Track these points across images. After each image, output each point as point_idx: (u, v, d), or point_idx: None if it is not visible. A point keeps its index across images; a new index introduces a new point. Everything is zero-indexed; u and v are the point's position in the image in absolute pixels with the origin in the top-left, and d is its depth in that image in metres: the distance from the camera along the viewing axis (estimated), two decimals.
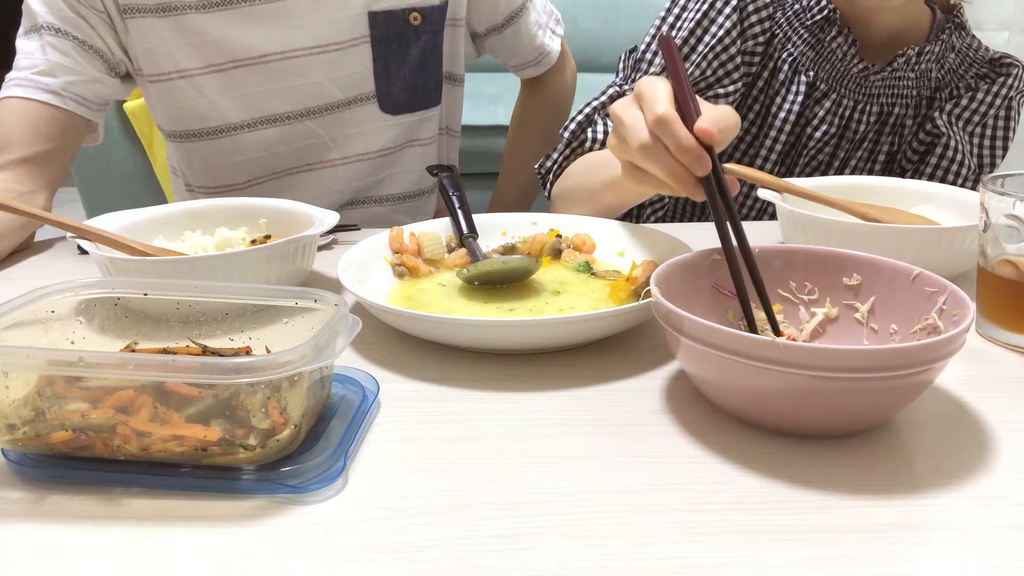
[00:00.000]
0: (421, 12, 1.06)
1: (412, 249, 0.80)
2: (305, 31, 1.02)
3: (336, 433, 0.51)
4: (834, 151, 1.06)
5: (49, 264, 0.89)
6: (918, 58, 1.01)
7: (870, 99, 1.04)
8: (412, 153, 1.15)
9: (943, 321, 0.56)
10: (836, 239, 0.75)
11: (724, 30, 1.01)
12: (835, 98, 1.03)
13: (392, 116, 1.10)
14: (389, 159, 1.14)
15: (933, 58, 1.03)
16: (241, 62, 1.01)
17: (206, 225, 0.84)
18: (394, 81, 1.08)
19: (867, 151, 1.07)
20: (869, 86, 1.03)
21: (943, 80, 1.05)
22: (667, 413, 0.56)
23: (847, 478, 0.49)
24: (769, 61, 1.05)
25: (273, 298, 0.55)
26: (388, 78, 1.08)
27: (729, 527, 0.45)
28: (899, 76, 1.02)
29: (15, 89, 0.95)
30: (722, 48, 1.02)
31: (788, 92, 1.04)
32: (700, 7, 1.03)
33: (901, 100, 1.04)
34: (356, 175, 1.13)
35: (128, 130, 2.05)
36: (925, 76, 1.03)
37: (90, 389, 0.48)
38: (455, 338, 0.64)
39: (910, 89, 1.04)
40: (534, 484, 0.48)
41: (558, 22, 1.28)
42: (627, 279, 0.74)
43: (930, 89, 1.05)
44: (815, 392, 0.49)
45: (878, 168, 1.07)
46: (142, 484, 0.48)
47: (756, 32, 1.03)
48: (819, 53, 1.02)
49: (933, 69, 1.03)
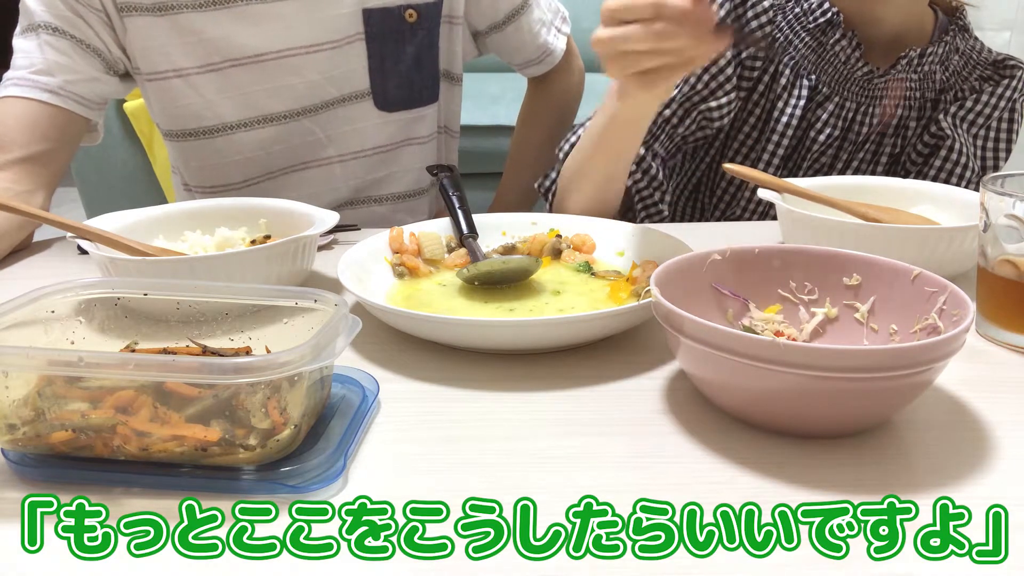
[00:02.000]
0: (416, 9, 1.06)
1: (412, 249, 0.80)
2: (300, 30, 1.02)
3: (336, 433, 0.51)
4: (837, 153, 1.06)
5: (49, 264, 0.89)
6: (920, 60, 1.01)
7: (872, 101, 1.04)
8: (410, 152, 1.15)
9: (943, 321, 0.56)
10: (836, 239, 0.75)
11: None
12: (838, 101, 1.03)
13: (387, 113, 1.11)
14: (386, 157, 1.14)
15: (936, 60, 1.02)
16: (237, 61, 1.02)
17: (206, 225, 0.84)
18: (389, 78, 1.09)
19: (870, 153, 1.07)
20: (872, 88, 1.03)
21: (947, 82, 1.05)
22: (667, 413, 0.56)
23: (847, 478, 0.49)
24: (770, 65, 1.05)
25: (273, 298, 0.55)
26: (383, 75, 1.08)
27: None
28: (902, 78, 1.02)
29: (13, 88, 0.94)
30: (712, 62, 1.01)
31: (790, 96, 1.04)
32: None
33: (904, 102, 1.04)
34: (353, 173, 1.13)
35: (128, 130, 2.05)
36: (929, 78, 1.03)
37: (90, 389, 0.48)
38: (455, 338, 0.64)
39: (913, 91, 1.04)
40: (534, 484, 0.48)
41: (564, 20, 1.27)
42: (627, 279, 0.74)
43: (934, 91, 1.04)
44: (815, 392, 0.49)
45: (881, 170, 1.07)
46: (142, 484, 0.48)
47: (757, 38, 1.03)
48: (821, 56, 1.02)
49: (937, 71, 1.03)
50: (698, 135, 1.06)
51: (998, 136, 1.06)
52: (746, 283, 0.64)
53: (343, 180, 1.13)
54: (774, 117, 1.05)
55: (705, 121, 1.04)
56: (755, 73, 1.05)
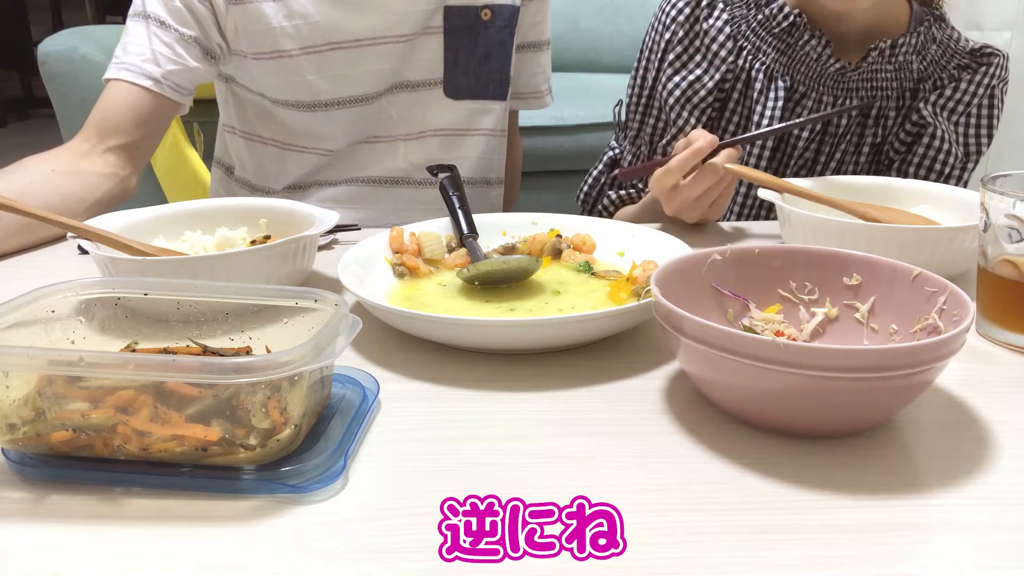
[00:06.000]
0: (492, 9, 1.15)
1: (412, 249, 0.81)
2: (394, 18, 1.10)
3: (336, 433, 0.51)
4: (819, 147, 1.08)
5: (49, 264, 0.89)
6: (892, 51, 1.03)
7: (850, 94, 1.05)
8: (472, 141, 1.21)
9: (943, 321, 0.56)
10: (836, 239, 0.75)
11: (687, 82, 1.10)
12: (815, 97, 1.05)
13: (454, 101, 1.17)
14: (447, 141, 1.20)
15: (911, 50, 1.04)
16: (338, 44, 1.10)
17: (206, 225, 0.84)
18: (459, 68, 1.17)
19: (852, 144, 1.08)
20: (847, 82, 1.04)
21: (926, 71, 1.06)
22: (667, 413, 0.56)
23: (847, 478, 0.49)
24: (742, 73, 1.07)
25: (273, 298, 0.55)
26: (455, 65, 1.16)
27: (729, 527, 0.45)
28: (876, 69, 1.04)
29: (125, 73, 1.03)
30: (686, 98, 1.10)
31: (767, 99, 1.06)
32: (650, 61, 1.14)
33: (882, 93, 1.05)
34: (414, 151, 1.19)
35: None
36: (905, 68, 1.05)
37: (90, 389, 0.48)
38: (455, 338, 0.64)
39: (890, 81, 1.05)
40: (534, 484, 0.48)
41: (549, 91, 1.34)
42: (627, 279, 0.74)
43: (912, 81, 1.06)
44: (815, 392, 0.49)
45: (863, 160, 1.08)
46: (142, 484, 0.48)
47: (724, 55, 1.08)
48: (792, 58, 1.05)
49: (914, 61, 1.05)
50: None
51: (979, 123, 1.07)
52: (746, 283, 0.64)
53: (404, 157, 1.18)
54: (753, 121, 1.07)
55: None
56: (727, 84, 1.08)
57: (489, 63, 1.18)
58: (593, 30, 2.55)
